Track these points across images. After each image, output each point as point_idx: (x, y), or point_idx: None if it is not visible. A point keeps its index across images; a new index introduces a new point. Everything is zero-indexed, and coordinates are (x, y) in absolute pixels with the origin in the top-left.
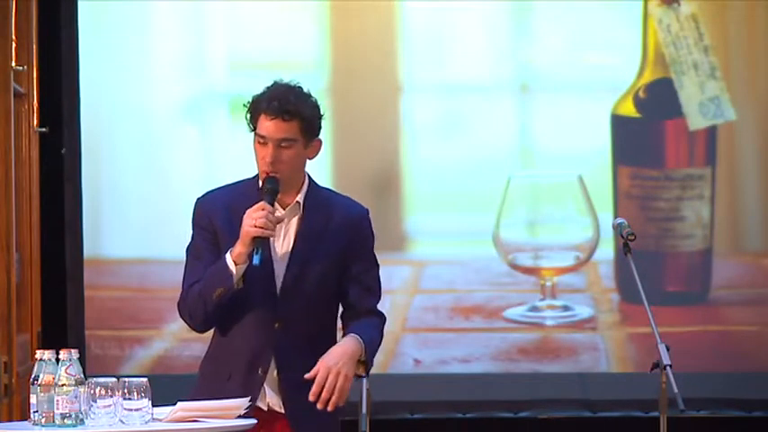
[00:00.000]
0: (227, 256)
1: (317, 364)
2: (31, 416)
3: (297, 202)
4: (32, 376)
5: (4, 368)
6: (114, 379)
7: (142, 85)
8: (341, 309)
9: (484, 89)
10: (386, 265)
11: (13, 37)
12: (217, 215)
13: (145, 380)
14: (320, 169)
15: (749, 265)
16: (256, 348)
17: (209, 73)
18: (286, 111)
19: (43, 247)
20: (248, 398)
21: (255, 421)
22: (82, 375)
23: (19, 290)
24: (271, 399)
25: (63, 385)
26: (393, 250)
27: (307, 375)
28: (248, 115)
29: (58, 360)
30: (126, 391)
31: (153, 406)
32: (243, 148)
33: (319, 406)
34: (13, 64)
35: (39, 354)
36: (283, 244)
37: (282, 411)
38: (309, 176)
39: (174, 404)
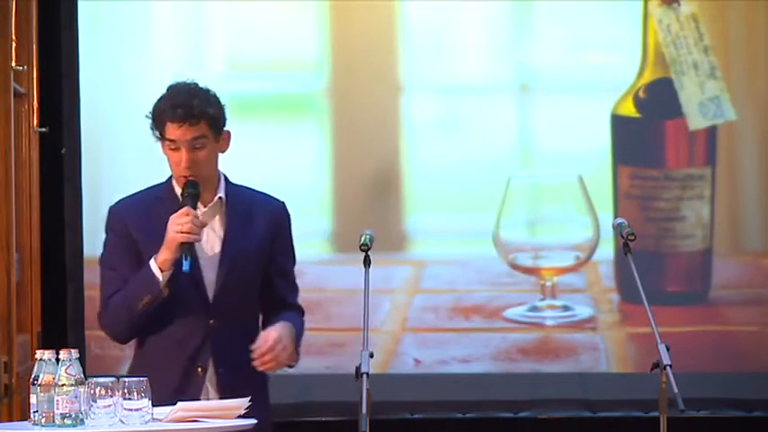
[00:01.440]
0: (152, 263)
1: (269, 328)
2: (31, 416)
3: (219, 198)
4: (32, 376)
5: (4, 368)
6: (114, 379)
7: (142, 85)
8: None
9: (484, 89)
10: (386, 265)
11: (13, 37)
12: (133, 221)
13: (145, 380)
14: (320, 169)
15: (749, 265)
16: (194, 347)
17: (209, 73)
18: (191, 115)
19: (43, 247)
20: (248, 397)
21: (255, 421)
22: (82, 375)
23: (19, 290)
24: (213, 397)
25: (63, 385)
26: (393, 250)
27: (254, 346)
28: (152, 124)
29: (58, 360)
30: (126, 391)
31: (153, 406)
32: (242, 149)
33: (256, 363)
34: (13, 64)
35: (39, 354)
36: (208, 240)
37: None
38: (223, 173)
39: (174, 404)
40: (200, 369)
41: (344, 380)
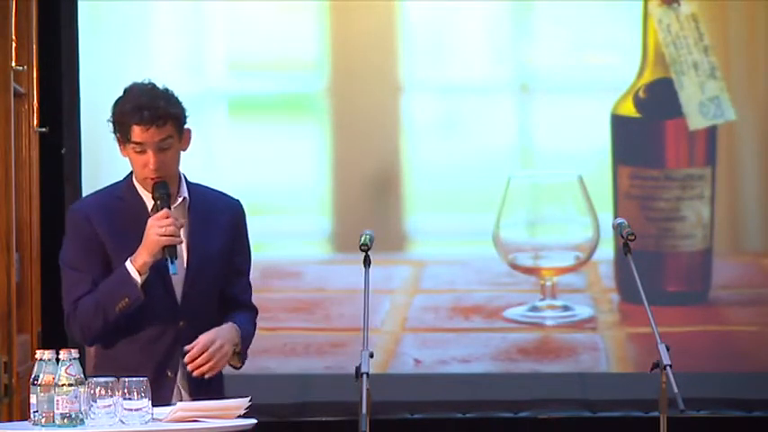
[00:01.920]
0: (129, 265)
1: (203, 334)
2: (31, 416)
3: (184, 198)
4: (32, 376)
5: (4, 368)
6: (114, 379)
7: None
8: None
9: (484, 89)
10: (386, 265)
11: (13, 37)
12: (98, 221)
13: (145, 380)
14: (320, 169)
15: (749, 265)
16: (163, 350)
17: (209, 73)
18: (159, 117)
19: (43, 247)
20: (249, 397)
21: (255, 421)
22: (82, 375)
23: (19, 290)
24: (185, 399)
25: (63, 385)
26: (393, 250)
27: (188, 347)
28: (115, 128)
29: (58, 360)
30: (126, 391)
31: (153, 406)
32: (242, 148)
33: (190, 368)
34: (13, 64)
35: (39, 354)
36: None
37: None
38: (182, 172)
39: (174, 404)
40: (169, 372)
41: (344, 380)
